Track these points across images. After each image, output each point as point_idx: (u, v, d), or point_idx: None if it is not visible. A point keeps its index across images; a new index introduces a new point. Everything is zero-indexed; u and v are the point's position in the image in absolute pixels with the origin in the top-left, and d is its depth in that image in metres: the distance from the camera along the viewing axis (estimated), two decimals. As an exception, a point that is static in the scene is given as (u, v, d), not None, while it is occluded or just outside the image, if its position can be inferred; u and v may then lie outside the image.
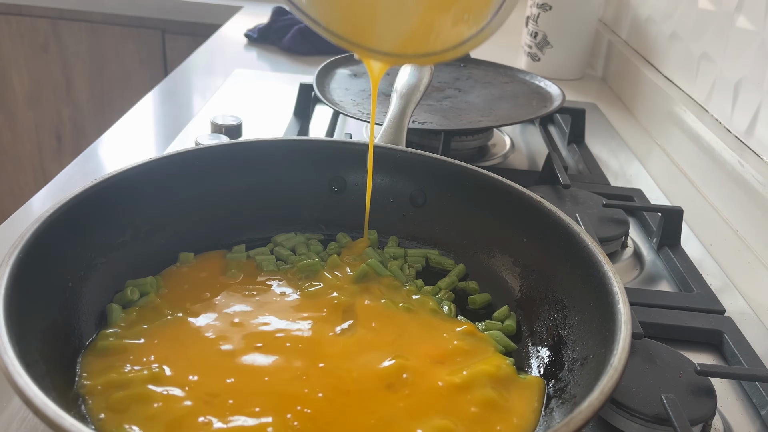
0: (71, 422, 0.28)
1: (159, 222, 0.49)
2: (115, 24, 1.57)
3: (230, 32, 1.28)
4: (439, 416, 0.37)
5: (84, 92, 1.67)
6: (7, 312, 0.33)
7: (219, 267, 0.49)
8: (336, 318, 0.45)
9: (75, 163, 0.75)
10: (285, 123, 0.87)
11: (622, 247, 0.64)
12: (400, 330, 0.45)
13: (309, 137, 0.77)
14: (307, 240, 0.53)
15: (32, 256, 0.37)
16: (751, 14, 0.75)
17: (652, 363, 0.45)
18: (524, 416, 0.38)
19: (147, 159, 0.48)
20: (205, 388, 0.38)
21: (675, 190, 0.80)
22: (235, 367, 0.40)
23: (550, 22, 1.10)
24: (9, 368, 0.30)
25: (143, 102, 0.94)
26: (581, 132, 0.87)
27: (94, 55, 1.62)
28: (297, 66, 1.12)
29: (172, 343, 0.41)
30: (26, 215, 0.63)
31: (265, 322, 0.44)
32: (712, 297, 0.56)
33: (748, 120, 0.74)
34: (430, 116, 0.77)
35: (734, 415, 0.46)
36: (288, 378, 0.39)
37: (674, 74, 0.95)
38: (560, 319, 0.44)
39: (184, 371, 0.39)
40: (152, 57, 1.60)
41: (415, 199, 0.54)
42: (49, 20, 1.59)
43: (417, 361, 0.42)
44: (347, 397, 0.38)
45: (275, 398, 0.37)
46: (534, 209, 0.48)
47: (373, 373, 0.40)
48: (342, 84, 0.85)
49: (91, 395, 0.37)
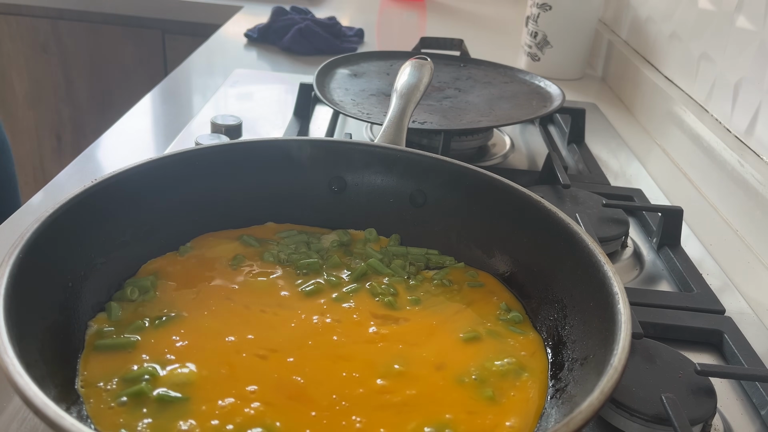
0: (71, 422, 0.28)
1: (159, 222, 0.49)
2: (115, 24, 1.58)
3: (230, 32, 1.28)
4: (437, 412, 0.38)
5: (84, 92, 1.67)
6: (7, 312, 0.33)
7: (219, 264, 0.49)
8: (335, 316, 0.45)
9: (75, 163, 0.75)
10: (285, 123, 0.87)
11: (622, 247, 0.64)
12: (401, 329, 0.45)
13: (309, 137, 0.77)
14: (308, 239, 0.53)
15: (32, 256, 0.37)
16: (751, 14, 0.75)
17: (652, 363, 0.45)
18: (524, 416, 0.38)
19: (147, 159, 0.48)
20: (207, 386, 0.38)
21: (675, 190, 0.80)
22: (235, 365, 0.40)
23: (550, 22, 1.10)
24: (9, 368, 0.30)
25: (143, 102, 0.94)
26: (581, 132, 0.87)
27: (94, 55, 1.62)
28: (297, 66, 1.12)
29: (172, 342, 0.41)
30: (26, 215, 0.63)
31: (266, 319, 0.44)
32: (712, 297, 0.56)
33: (748, 120, 0.74)
34: (430, 116, 0.77)
35: (734, 415, 0.46)
36: (291, 374, 0.39)
37: (674, 74, 0.95)
38: (560, 319, 0.44)
39: (184, 369, 0.39)
40: (152, 57, 1.60)
41: (415, 199, 0.54)
42: (49, 20, 1.59)
43: (418, 360, 0.42)
44: (348, 400, 0.38)
45: (276, 398, 0.38)
46: (534, 209, 0.48)
47: (373, 372, 0.40)
48: (342, 84, 0.85)
49: (91, 395, 0.37)
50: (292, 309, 0.45)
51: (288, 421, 0.36)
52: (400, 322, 0.45)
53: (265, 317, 0.44)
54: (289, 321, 0.44)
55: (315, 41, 1.17)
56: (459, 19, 1.53)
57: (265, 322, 0.44)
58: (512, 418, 0.38)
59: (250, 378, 0.39)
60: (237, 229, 0.53)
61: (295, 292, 0.47)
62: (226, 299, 0.46)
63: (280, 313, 0.45)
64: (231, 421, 0.36)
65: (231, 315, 0.44)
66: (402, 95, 0.62)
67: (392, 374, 0.40)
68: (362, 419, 0.37)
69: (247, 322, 0.44)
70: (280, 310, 0.45)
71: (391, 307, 0.47)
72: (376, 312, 0.46)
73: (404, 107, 0.61)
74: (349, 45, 1.23)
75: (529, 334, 0.45)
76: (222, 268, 0.49)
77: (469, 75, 0.92)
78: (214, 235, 0.52)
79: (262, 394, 0.38)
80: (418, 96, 0.63)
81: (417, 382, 0.40)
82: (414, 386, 0.40)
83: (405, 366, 0.41)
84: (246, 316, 0.44)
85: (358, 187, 0.55)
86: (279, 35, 1.19)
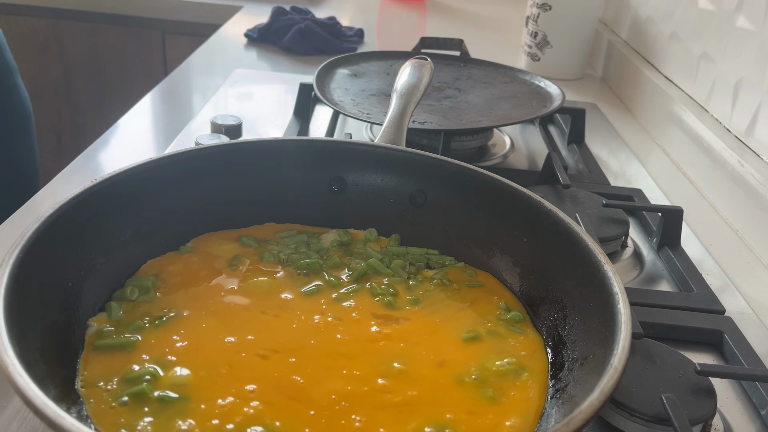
0: (71, 422, 0.28)
1: (159, 222, 0.49)
2: (115, 24, 1.58)
3: (230, 32, 1.28)
4: (437, 412, 0.38)
5: (84, 92, 1.67)
6: (7, 312, 0.33)
7: (219, 264, 0.49)
8: (336, 316, 0.45)
9: (75, 163, 0.75)
10: (285, 123, 0.87)
11: (622, 247, 0.64)
12: (401, 328, 0.45)
13: (309, 137, 0.77)
14: (308, 239, 0.53)
15: (32, 256, 0.37)
16: (751, 14, 0.75)
17: (652, 363, 0.45)
18: (524, 416, 0.39)
19: (147, 159, 0.48)
20: (207, 385, 0.38)
21: (675, 190, 0.80)
22: (235, 365, 0.40)
23: (550, 22, 1.10)
24: (9, 368, 0.30)
25: (143, 102, 0.94)
26: (581, 132, 0.87)
27: (94, 55, 1.62)
28: (297, 66, 1.12)
29: (172, 341, 0.41)
30: (26, 215, 0.63)
31: (266, 320, 0.44)
32: (712, 297, 0.56)
33: (748, 120, 0.74)
34: (430, 116, 0.77)
35: (734, 415, 0.46)
36: (292, 374, 0.39)
37: (674, 74, 0.95)
38: (560, 319, 0.44)
39: (184, 369, 0.39)
40: (152, 57, 1.60)
41: (415, 199, 0.54)
42: (49, 20, 1.59)
43: (418, 359, 0.42)
44: (348, 399, 0.38)
45: (276, 398, 0.38)
46: (534, 209, 0.48)
47: (374, 371, 0.40)
48: (342, 84, 0.85)
49: (91, 395, 0.37)
50: (293, 309, 0.45)
51: (287, 420, 0.36)
52: (400, 321, 0.45)
53: (266, 317, 0.44)
54: (289, 321, 0.44)
55: (315, 41, 1.17)
56: (459, 19, 1.53)
57: (266, 323, 0.44)
58: (512, 418, 0.38)
59: (250, 378, 0.39)
60: (237, 229, 0.53)
61: (295, 292, 0.47)
62: (226, 299, 0.46)
63: (280, 314, 0.45)
64: (231, 420, 0.36)
65: (231, 315, 0.44)
66: (402, 95, 0.62)
67: (393, 374, 0.40)
68: (362, 418, 0.37)
69: (247, 322, 0.44)
70: (281, 311, 0.45)
71: (391, 307, 0.47)
72: (377, 312, 0.46)
73: (404, 107, 0.61)
74: (349, 45, 1.23)
75: (529, 333, 0.45)
76: (222, 267, 0.49)
77: (469, 75, 0.92)
78: (215, 234, 0.52)
79: (262, 394, 0.38)
80: (418, 96, 0.63)
81: (417, 382, 0.40)
82: (414, 386, 0.40)
83: (405, 365, 0.41)
84: (246, 316, 0.44)
85: (358, 187, 0.55)
86: (279, 35, 1.19)
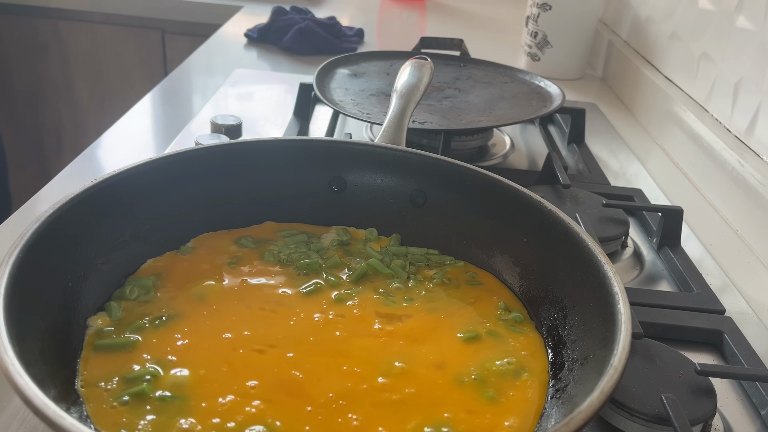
0: (71, 422, 0.28)
1: (159, 222, 0.49)
2: (115, 24, 1.58)
3: (230, 32, 1.28)
4: (436, 411, 0.38)
5: (84, 92, 1.67)
6: (7, 312, 0.33)
7: (219, 263, 0.49)
8: (336, 313, 0.45)
9: (75, 163, 0.75)
10: (285, 123, 0.87)
11: (622, 247, 0.64)
12: (401, 328, 0.45)
13: (309, 137, 0.77)
14: (308, 239, 0.53)
15: (32, 256, 0.37)
16: (751, 14, 0.75)
17: (652, 363, 0.45)
18: (523, 416, 0.39)
19: (147, 159, 0.48)
20: (208, 384, 0.38)
21: (675, 190, 0.80)
22: (235, 363, 0.40)
23: (550, 22, 1.10)
24: (9, 368, 0.30)
25: (143, 102, 0.94)
26: (581, 132, 0.87)
27: (94, 55, 1.62)
28: (297, 66, 1.12)
29: (172, 341, 0.41)
30: (26, 215, 0.63)
31: (266, 317, 0.44)
32: (712, 297, 0.56)
33: (748, 120, 0.74)
34: (430, 116, 0.77)
35: (734, 415, 0.46)
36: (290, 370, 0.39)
37: (674, 74, 0.95)
38: (560, 319, 0.44)
39: (184, 368, 0.39)
40: (152, 57, 1.60)
41: (415, 199, 0.54)
42: (49, 20, 1.59)
43: (418, 359, 0.42)
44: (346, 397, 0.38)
45: (275, 394, 0.38)
46: (534, 209, 0.48)
47: (374, 369, 0.40)
48: (342, 84, 0.85)
49: (91, 394, 0.37)
50: (292, 307, 0.46)
51: (287, 418, 0.36)
52: (400, 320, 0.45)
53: (263, 314, 0.45)
54: (287, 318, 0.44)
55: (315, 41, 1.17)
56: (459, 19, 1.53)
57: (264, 319, 0.44)
58: (511, 418, 0.38)
59: (250, 375, 0.39)
60: (237, 228, 0.53)
61: (295, 291, 0.47)
62: (226, 298, 0.46)
63: (278, 311, 0.45)
64: (232, 418, 0.36)
65: (231, 314, 0.44)
66: (402, 95, 0.62)
67: (393, 372, 0.40)
68: (360, 417, 0.37)
69: (247, 320, 0.44)
70: (281, 309, 0.45)
71: (391, 307, 0.47)
72: (377, 311, 0.46)
73: (404, 107, 0.61)
74: (349, 45, 1.23)
75: (529, 333, 0.45)
76: (222, 267, 0.49)
77: (469, 75, 0.92)
78: (215, 234, 0.52)
79: (262, 391, 0.38)
80: (418, 96, 0.63)
81: (417, 381, 0.40)
82: (413, 385, 0.40)
83: (405, 364, 0.41)
84: (246, 315, 0.44)
85: (358, 187, 0.55)
86: (279, 35, 1.19)
